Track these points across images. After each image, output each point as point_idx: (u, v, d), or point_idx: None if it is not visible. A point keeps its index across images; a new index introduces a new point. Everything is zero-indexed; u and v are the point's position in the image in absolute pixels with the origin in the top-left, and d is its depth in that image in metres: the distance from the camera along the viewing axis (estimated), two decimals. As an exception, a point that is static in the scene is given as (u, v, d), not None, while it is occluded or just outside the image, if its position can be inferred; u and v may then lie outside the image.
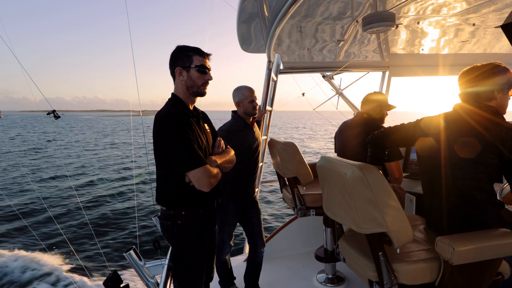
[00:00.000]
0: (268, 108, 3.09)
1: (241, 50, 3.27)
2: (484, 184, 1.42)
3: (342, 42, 2.68)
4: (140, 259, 1.48)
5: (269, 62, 2.95)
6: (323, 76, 4.14)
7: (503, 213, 1.49)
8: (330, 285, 2.62)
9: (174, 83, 1.61)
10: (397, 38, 2.66)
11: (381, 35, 2.55)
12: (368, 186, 1.26)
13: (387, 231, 1.28)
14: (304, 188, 2.53)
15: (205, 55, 1.57)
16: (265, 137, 3.10)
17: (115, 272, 1.41)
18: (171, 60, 1.57)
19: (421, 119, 1.71)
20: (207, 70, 1.56)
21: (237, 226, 2.51)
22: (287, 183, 2.55)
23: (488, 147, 1.37)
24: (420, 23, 2.20)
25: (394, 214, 1.28)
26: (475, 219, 1.45)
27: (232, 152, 1.75)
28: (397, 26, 2.13)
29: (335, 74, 4.10)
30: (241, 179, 2.36)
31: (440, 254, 1.31)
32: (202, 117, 1.70)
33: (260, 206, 2.55)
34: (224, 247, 2.42)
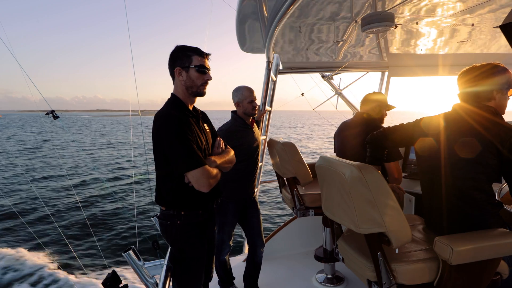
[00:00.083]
0: (268, 108, 3.09)
1: (240, 50, 3.28)
2: (483, 184, 1.43)
3: (341, 42, 2.68)
4: (139, 259, 1.48)
5: (268, 62, 2.95)
6: (323, 76, 4.14)
7: (502, 213, 1.49)
8: (329, 285, 2.62)
9: (173, 83, 1.60)
10: (396, 38, 2.67)
11: (380, 35, 2.55)
12: (366, 186, 1.27)
13: (385, 231, 1.28)
14: (303, 188, 2.53)
15: (205, 55, 1.56)
16: (264, 137, 3.10)
17: (114, 272, 1.41)
18: (170, 60, 1.56)
19: (420, 119, 1.71)
20: (207, 70, 1.56)
21: (237, 226, 2.51)
22: (286, 183, 2.55)
23: (487, 147, 1.38)
24: (419, 23, 2.21)
25: (393, 214, 1.28)
26: (474, 219, 1.45)
27: (232, 152, 1.74)
28: (396, 26, 2.13)
29: (335, 74, 4.10)
30: (240, 179, 2.36)
31: (438, 254, 1.31)
32: (202, 117, 1.70)
33: (259, 206, 2.55)
34: (224, 247, 2.42)
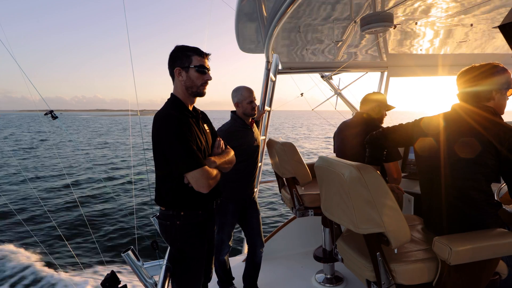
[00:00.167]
0: (267, 108, 3.09)
1: (240, 50, 3.27)
2: (482, 184, 1.43)
3: (340, 43, 2.69)
4: (138, 260, 1.48)
5: (268, 62, 2.95)
6: (322, 76, 4.15)
7: (501, 213, 1.50)
8: (328, 285, 2.62)
9: (173, 83, 1.59)
10: (395, 38, 2.67)
11: (380, 36, 2.55)
12: (365, 186, 1.27)
13: (384, 231, 1.28)
14: (303, 188, 2.53)
15: (204, 55, 1.55)
16: (263, 137, 3.10)
17: (113, 272, 1.41)
18: (170, 60, 1.55)
19: (420, 119, 1.71)
20: (206, 70, 1.55)
21: (236, 227, 2.51)
22: (286, 183, 2.55)
23: (486, 147, 1.38)
24: (418, 23, 2.21)
25: (392, 214, 1.28)
26: (473, 219, 1.45)
27: (232, 152, 1.73)
28: (395, 26, 2.13)
29: (334, 74, 4.11)
30: (240, 180, 2.36)
31: (437, 254, 1.31)
32: (202, 117, 1.69)
33: (259, 207, 2.55)
34: (223, 248, 2.42)
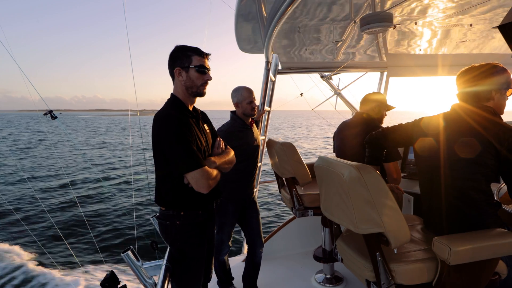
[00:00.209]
0: (267, 108, 3.09)
1: (239, 50, 3.27)
2: (481, 184, 1.43)
3: (340, 43, 2.69)
4: (138, 260, 1.47)
5: (267, 62, 2.94)
6: (322, 77, 4.15)
7: (500, 213, 1.50)
8: (328, 285, 2.62)
9: (173, 83, 1.59)
10: (395, 38, 2.67)
11: (379, 36, 2.55)
12: (365, 186, 1.27)
13: (384, 231, 1.28)
14: (302, 188, 2.53)
15: (204, 55, 1.55)
16: (263, 137, 3.10)
17: (113, 272, 1.41)
18: (170, 60, 1.55)
19: (420, 119, 1.71)
20: (207, 70, 1.55)
21: (236, 227, 2.51)
22: (285, 183, 2.55)
23: (486, 147, 1.38)
24: (417, 23, 2.21)
25: (391, 214, 1.28)
26: (472, 219, 1.45)
27: (232, 152, 1.73)
28: (395, 26, 2.13)
29: (334, 75, 4.11)
30: (240, 180, 2.36)
31: (437, 254, 1.31)
32: (202, 118, 1.69)
33: (258, 207, 2.55)
34: (223, 248, 2.42)
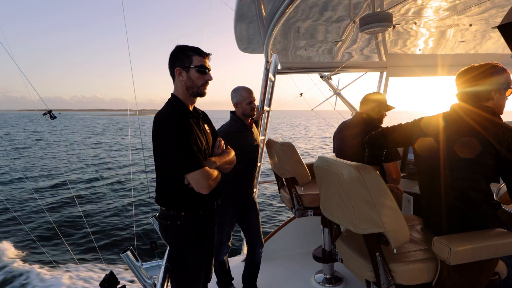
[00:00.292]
0: (266, 108, 3.08)
1: (239, 50, 3.27)
2: (481, 184, 1.43)
3: (339, 43, 2.69)
4: (137, 260, 1.47)
5: (267, 62, 2.94)
6: (321, 76, 4.15)
7: (500, 213, 1.50)
8: (328, 285, 2.62)
9: (173, 83, 1.58)
10: (394, 38, 2.67)
11: (379, 36, 2.56)
12: (365, 186, 1.26)
13: (384, 231, 1.28)
14: (302, 188, 2.53)
15: (205, 55, 1.54)
16: (263, 137, 3.10)
17: (112, 273, 1.41)
18: (170, 60, 1.54)
19: (420, 119, 1.71)
20: (207, 70, 1.54)
21: (235, 227, 2.50)
22: (285, 183, 2.55)
23: (485, 147, 1.38)
24: (417, 23, 2.21)
25: (391, 214, 1.28)
26: (472, 219, 1.45)
27: (233, 152, 1.73)
28: (394, 26, 2.13)
29: (333, 75, 4.11)
30: (240, 180, 2.35)
31: (437, 254, 1.31)
32: (202, 118, 1.68)
33: (258, 207, 2.55)
34: (223, 248, 2.42)
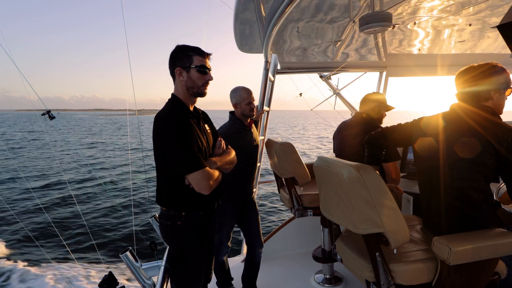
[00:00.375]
0: (266, 108, 3.08)
1: (238, 50, 3.27)
2: (481, 184, 1.43)
3: (339, 43, 2.69)
4: (137, 260, 1.47)
5: (266, 62, 2.94)
6: (321, 76, 4.15)
7: (499, 213, 1.50)
8: (327, 285, 2.62)
9: (174, 83, 1.58)
10: (394, 38, 2.67)
11: (378, 35, 2.55)
12: (364, 186, 1.26)
13: (383, 231, 1.28)
14: (302, 188, 2.53)
15: (205, 55, 1.53)
16: (262, 138, 3.09)
17: (111, 273, 1.40)
18: (170, 60, 1.54)
19: (420, 118, 1.71)
20: (208, 70, 1.53)
21: (235, 227, 2.50)
22: (285, 183, 2.55)
23: (485, 147, 1.38)
24: (416, 23, 2.21)
25: (391, 214, 1.28)
26: (472, 219, 1.45)
27: (233, 152, 1.72)
28: (394, 26, 2.13)
29: (333, 75, 4.11)
30: (239, 180, 2.35)
31: (437, 254, 1.31)
32: (203, 117, 1.68)
33: (257, 207, 2.55)
34: (222, 248, 2.41)
